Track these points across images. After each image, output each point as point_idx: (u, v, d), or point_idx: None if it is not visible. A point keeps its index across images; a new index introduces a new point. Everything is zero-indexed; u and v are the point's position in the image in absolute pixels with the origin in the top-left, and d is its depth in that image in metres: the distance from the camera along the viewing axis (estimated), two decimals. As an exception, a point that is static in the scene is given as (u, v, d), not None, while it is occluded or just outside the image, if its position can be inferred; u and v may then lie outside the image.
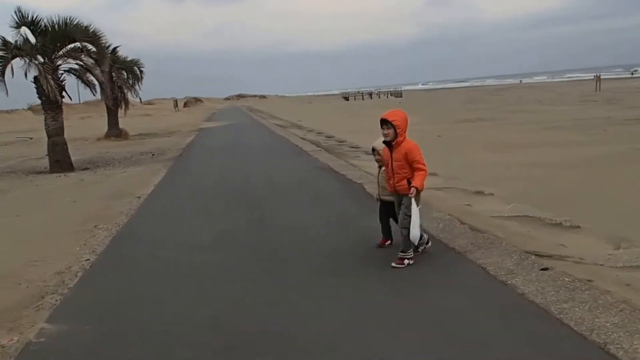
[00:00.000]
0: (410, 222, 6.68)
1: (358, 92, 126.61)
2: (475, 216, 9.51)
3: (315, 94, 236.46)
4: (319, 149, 21.64)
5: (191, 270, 7.36)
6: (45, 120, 20.70)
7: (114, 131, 36.81)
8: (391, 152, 6.88)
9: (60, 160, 20.52)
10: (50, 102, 20.19)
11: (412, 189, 6.68)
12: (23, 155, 28.68)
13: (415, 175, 6.73)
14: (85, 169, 20.81)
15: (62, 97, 20.62)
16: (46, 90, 19.22)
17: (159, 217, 11.04)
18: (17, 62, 20.40)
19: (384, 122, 6.77)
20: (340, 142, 24.89)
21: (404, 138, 6.83)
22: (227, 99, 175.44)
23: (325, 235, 8.65)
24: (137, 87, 39.52)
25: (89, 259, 8.15)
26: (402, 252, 6.84)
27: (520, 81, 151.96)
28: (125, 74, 37.84)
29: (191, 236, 9.25)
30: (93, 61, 21.27)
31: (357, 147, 21.88)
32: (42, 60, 19.78)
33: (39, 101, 20.91)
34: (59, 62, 20.82)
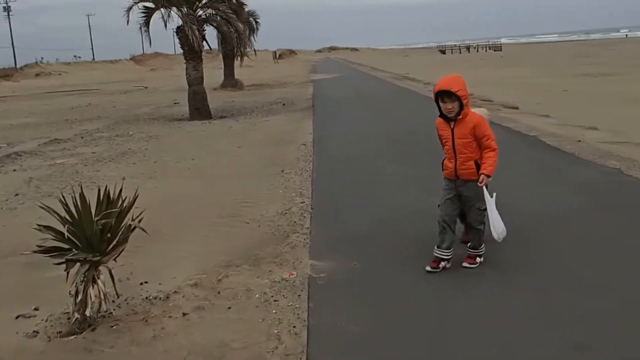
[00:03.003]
0: (485, 215, 5.55)
1: (455, 45, 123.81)
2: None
3: (407, 46, 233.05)
4: (456, 101, 21.34)
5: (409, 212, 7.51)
6: (186, 69, 21.27)
7: (230, 82, 37.46)
8: (452, 128, 5.48)
9: (200, 108, 21.12)
10: (193, 51, 20.71)
11: (482, 177, 5.37)
12: (149, 103, 29.62)
13: (485, 159, 5.39)
14: (222, 117, 21.34)
15: (203, 47, 21.08)
16: (191, 40, 19.66)
17: (341, 163, 11.32)
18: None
19: (445, 94, 5.32)
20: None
21: (469, 109, 5.45)
22: (319, 51, 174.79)
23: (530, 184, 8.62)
24: (252, 38, 39.97)
25: (303, 202, 8.42)
26: (473, 249, 5.70)
27: (627, 35, 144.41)
28: (241, 25, 38.19)
29: (387, 181, 9.46)
30: (231, 12, 21.55)
31: (490, 101, 21.45)
32: (186, 10, 20.17)
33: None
34: (199, 12, 21.23)
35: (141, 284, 5.75)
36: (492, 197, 5.45)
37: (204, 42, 21.27)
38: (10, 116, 26.19)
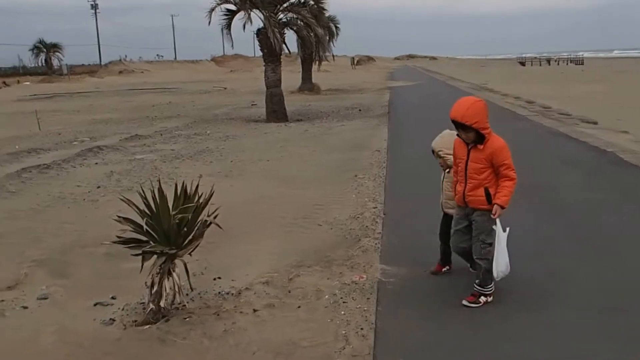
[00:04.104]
0: (491, 251, 4.96)
1: (535, 57, 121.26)
2: None
3: (486, 57, 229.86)
4: (534, 113, 20.94)
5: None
6: (265, 72, 21.64)
7: (307, 85, 37.83)
8: (469, 149, 5.00)
9: (277, 110, 21.43)
10: (272, 54, 21.01)
11: (495, 207, 4.85)
12: (228, 103, 30.20)
13: (501, 188, 4.86)
14: (298, 120, 21.58)
15: (282, 50, 21.36)
16: (272, 42, 19.93)
17: (414, 170, 11.18)
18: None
19: (460, 126, 4.93)
20: (546, 107, 23.92)
21: (490, 134, 4.93)
22: (397, 58, 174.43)
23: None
24: (331, 43, 40.24)
25: (376, 207, 8.43)
26: (479, 285, 5.08)
27: None
28: (320, 30, 38.52)
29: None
30: (311, 16, 21.77)
31: (569, 115, 20.86)
32: (267, 13, 20.47)
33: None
34: (280, 15, 21.52)
35: (214, 279, 5.89)
36: (505, 231, 4.92)
37: (284, 46, 21.52)
38: (94, 111, 27.22)
